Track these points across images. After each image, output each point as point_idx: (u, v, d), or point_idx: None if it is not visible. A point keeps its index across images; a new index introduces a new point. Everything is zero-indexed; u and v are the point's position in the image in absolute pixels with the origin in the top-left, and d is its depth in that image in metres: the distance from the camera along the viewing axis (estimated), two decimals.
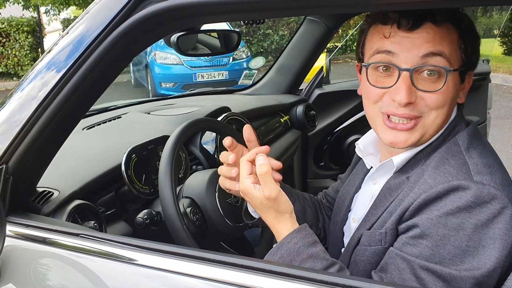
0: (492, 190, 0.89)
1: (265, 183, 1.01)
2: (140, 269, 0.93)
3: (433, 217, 0.90)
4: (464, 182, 0.90)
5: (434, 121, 0.99)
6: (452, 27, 0.97)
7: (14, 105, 1.07)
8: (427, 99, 0.97)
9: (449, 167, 0.95)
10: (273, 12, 0.99)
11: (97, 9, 1.01)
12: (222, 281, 0.85)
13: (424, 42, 0.95)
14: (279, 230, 1.03)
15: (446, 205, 0.89)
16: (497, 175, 0.93)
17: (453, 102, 1.01)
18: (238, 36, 1.64)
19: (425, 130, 1.00)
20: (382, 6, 0.89)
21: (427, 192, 0.92)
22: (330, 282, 0.79)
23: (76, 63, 0.99)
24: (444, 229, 0.88)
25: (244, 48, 9.94)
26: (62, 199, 1.24)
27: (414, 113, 0.98)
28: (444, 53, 0.95)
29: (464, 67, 1.00)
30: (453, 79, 0.98)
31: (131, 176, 1.46)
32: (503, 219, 0.87)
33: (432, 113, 0.98)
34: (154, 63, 9.12)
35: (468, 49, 0.99)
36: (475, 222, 0.87)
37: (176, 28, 1.12)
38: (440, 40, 0.95)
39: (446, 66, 0.95)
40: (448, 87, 0.97)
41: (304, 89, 2.70)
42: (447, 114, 1.00)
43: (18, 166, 1.05)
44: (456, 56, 0.98)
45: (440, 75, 0.96)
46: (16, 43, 13.05)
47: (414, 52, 0.95)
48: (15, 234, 1.05)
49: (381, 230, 1.00)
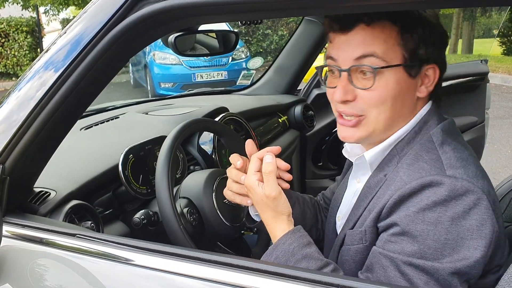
0: (466, 183, 0.91)
1: (268, 182, 1.06)
2: (137, 269, 0.93)
3: (411, 213, 0.92)
4: (437, 177, 0.92)
5: (377, 117, 1.02)
6: (388, 24, 0.98)
7: (11, 105, 1.07)
8: (364, 97, 1.01)
9: (423, 163, 0.96)
10: (270, 12, 0.99)
11: (94, 9, 1.01)
12: (219, 281, 0.85)
13: (357, 44, 0.99)
14: (275, 231, 1.06)
15: (422, 200, 0.91)
16: (471, 168, 0.95)
17: (400, 97, 1.01)
18: (236, 36, 1.64)
19: (371, 126, 1.03)
20: (380, 7, 0.89)
21: (402, 189, 0.94)
22: (325, 282, 0.79)
23: (73, 63, 0.99)
24: (422, 224, 0.90)
25: (243, 48, 9.95)
26: (59, 199, 1.24)
27: (354, 111, 1.03)
28: (375, 53, 0.98)
29: (412, 62, 1.00)
30: (394, 76, 0.99)
31: (128, 177, 1.46)
32: (479, 210, 0.89)
33: (373, 110, 1.01)
34: (153, 63, 9.12)
35: (410, 44, 0.99)
36: (452, 215, 0.89)
37: (173, 29, 1.12)
38: (371, 41, 0.98)
39: (375, 65, 0.98)
40: (387, 83, 0.99)
41: (303, 89, 2.70)
42: (393, 109, 1.01)
43: (15, 167, 1.05)
44: (394, 53, 0.99)
45: (373, 73, 0.99)
46: (15, 43, 13.05)
47: (349, 55, 1.00)
48: (11, 234, 1.05)
49: (361, 228, 1.02)
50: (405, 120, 1.05)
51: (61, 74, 1.00)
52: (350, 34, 1.00)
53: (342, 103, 1.03)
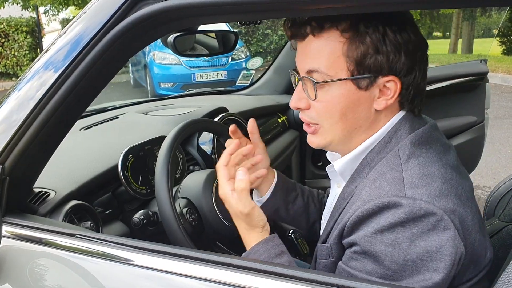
0: (424, 204, 0.87)
1: (240, 199, 1.06)
2: (137, 269, 0.93)
3: (369, 234, 0.90)
4: (394, 199, 0.89)
5: (330, 128, 1.01)
6: (336, 33, 0.95)
7: (11, 105, 1.07)
8: (315, 107, 1.01)
9: (384, 182, 0.93)
10: (270, 13, 0.99)
11: (93, 10, 1.01)
12: (219, 281, 0.85)
13: (305, 57, 0.99)
14: (248, 241, 1.08)
15: (380, 221, 0.89)
16: (435, 186, 0.90)
17: (351, 111, 0.98)
18: (235, 37, 1.64)
19: (328, 136, 1.03)
20: (379, 7, 0.89)
21: (360, 209, 0.92)
22: (324, 282, 0.79)
23: (73, 63, 0.99)
24: (381, 245, 0.88)
25: (243, 48, 9.95)
26: (59, 199, 1.24)
27: (308, 119, 1.04)
28: (319, 69, 0.96)
29: (361, 74, 0.95)
30: (339, 89, 0.97)
31: (128, 177, 1.46)
32: (438, 231, 0.86)
33: (324, 121, 1.01)
34: (153, 63, 9.12)
35: (356, 55, 0.94)
36: (410, 236, 0.87)
37: (172, 29, 1.12)
38: (317, 54, 0.97)
39: (318, 80, 0.97)
40: (332, 97, 0.97)
41: None
42: (345, 122, 0.99)
43: (14, 167, 1.05)
44: (338, 66, 0.96)
45: (324, 85, 0.97)
46: (15, 43, 13.04)
47: (302, 66, 1.01)
48: (11, 234, 1.05)
49: (327, 244, 1.01)
50: (367, 132, 1.02)
51: (60, 74, 1.00)
52: (303, 43, 0.99)
53: (297, 110, 1.05)
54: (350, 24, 0.94)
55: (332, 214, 1.05)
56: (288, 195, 1.34)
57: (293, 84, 1.10)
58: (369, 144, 1.02)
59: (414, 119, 1.02)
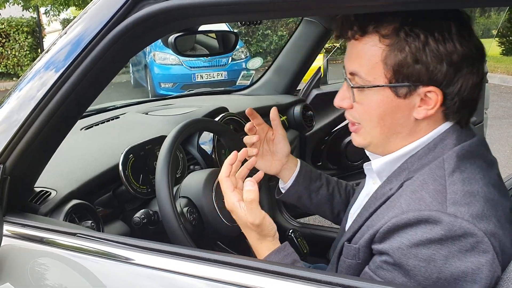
0: (465, 224, 0.84)
1: (251, 210, 1.02)
2: (137, 268, 0.93)
3: (404, 246, 0.87)
4: (435, 214, 0.86)
5: (370, 131, 1.01)
6: (376, 40, 0.94)
7: (12, 105, 1.07)
8: (356, 108, 1.01)
9: (426, 193, 0.90)
10: (270, 13, 0.99)
11: (94, 10, 1.01)
12: (220, 280, 0.85)
13: (349, 59, 1.00)
14: (260, 251, 1.06)
15: (417, 235, 0.86)
16: (477, 205, 0.87)
17: (389, 117, 0.97)
18: (236, 37, 1.65)
19: (367, 137, 1.03)
20: (377, 8, 0.89)
21: (397, 217, 0.89)
22: (325, 281, 0.80)
23: (74, 63, 0.99)
24: (415, 260, 0.86)
25: (243, 48, 9.94)
26: (60, 199, 1.24)
27: (351, 118, 1.04)
28: (359, 73, 0.97)
29: (399, 82, 0.94)
30: (377, 95, 0.96)
31: (129, 176, 1.46)
32: (476, 253, 0.84)
33: (365, 123, 1.01)
34: (153, 63, 9.12)
35: (394, 63, 0.92)
36: (446, 254, 0.84)
37: (173, 29, 1.12)
38: (358, 59, 0.97)
39: (357, 84, 0.98)
40: (370, 102, 0.97)
41: (302, 89, 2.70)
42: (383, 127, 0.99)
43: (15, 166, 1.06)
44: (377, 72, 0.95)
45: (362, 90, 0.98)
46: (15, 44, 13.04)
47: (346, 66, 1.01)
48: (12, 233, 1.05)
49: (355, 245, 0.99)
50: (406, 139, 1.00)
51: (61, 74, 1.00)
52: (349, 45, 1.00)
53: (340, 108, 1.05)
54: (391, 30, 0.92)
55: (362, 212, 1.04)
56: (311, 184, 1.36)
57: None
58: (411, 148, 0.99)
59: (462, 131, 0.99)
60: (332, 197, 1.39)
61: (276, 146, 1.32)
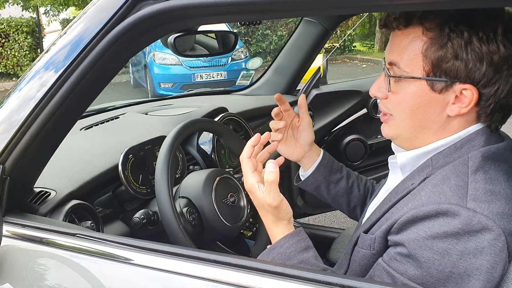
0: (484, 219, 0.84)
1: (270, 191, 1.02)
2: (137, 269, 0.93)
3: (420, 238, 0.88)
4: (454, 207, 0.86)
5: (401, 122, 1.02)
6: (419, 32, 0.94)
7: (12, 105, 1.07)
8: (390, 98, 1.02)
9: (447, 188, 0.90)
10: (269, 13, 0.99)
11: (94, 10, 1.01)
12: (219, 280, 0.85)
13: (390, 49, 1.01)
14: (274, 234, 1.06)
15: (434, 227, 0.86)
16: (498, 204, 0.87)
17: (421, 111, 0.97)
18: (235, 37, 1.65)
19: (397, 129, 1.04)
20: (377, 8, 0.89)
21: (416, 209, 0.90)
22: (325, 281, 0.80)
23: (73, 64, 0.99)
24: (430, 252, 0.86)
25: (243, 48, 9.94)
26: (59, 199, 1.24)
27: (384, 108, 1.05)
28: (398, 63, 0.97)
29: (436, 77, 0.94)
30: (413, 86, 0.96)
31: (128, 176, 1.46)
32: (492, 251, 0.83)
33: (397, 114, 1.02)
34: (153, 63, 9.12)
35: (435, 57, 0.93)
36: (462, 249, 0.84)
37: (172, 30, 1.12)
38: (398, 50, 0.97)
39: (395, 74, 0.98)
40: (405, 93, 0.98)
41: (301, 89, 2.70)
42: (414, 120, 0.99)
43: (15, 167, 1.06)
44: (416, 64, 0.95)
45: (399, 80, 0.98)
46: (15, 44, 13.04)
47: (386, 56, 1.02)
48: (12, 234, 1.05)
49: (372, 235, 0.99)
50: (435, 135, 0.99)
51: (61, 74, 1.00)
52: (392, 35, 1.01)
53: (374, 97, 1.07)
54: (436, 24, 0.93)
55: (381, 205, 1.04)
56: (331, 175, 1.37)
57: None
58: (438, 146, 0.99)
59: (492, 134, 0.98)
60: (350, 191, 1.40)
61: (301, 133, 1.33)
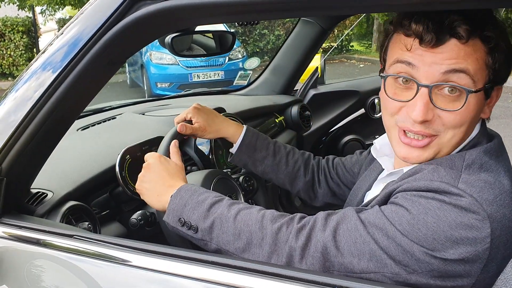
0: (472, 200, 0.84)
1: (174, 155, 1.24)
2: (134, 270, 0.93)
3: (409, 193, 0.90)
4: (445, 186, 0.87)
5: (450, 140, 0.95)
6: (480, 43, 0.91)
7: (8, 106, 1.07)
8: (445, 118, 0.93)
9: (442, 168, 0.92)
10: (267, 14, 0.99)
11: (91, 10, 1.01)
12: (217, 282, 0.85)
13: (447, 58, 0.90)
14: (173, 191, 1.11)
15: (424, 193, 0.88)
16: (490, 192, 0.87)
17: (474, 120, 0.95)
18: (233, 37, 1.64)
19: (439, 148, 0.96)
20: (378, 8, 0.89)
21: (409, 183, 0.91)
22: (322, 282, 0.80)
23: (71, 64, 0.99)
24: (410, 205, 0.87)
25: (240, 48, 9.95)
26: (56, 200, 1.24)
27: (429, 131, 0.94)
28: (468, 70, 0.89)
29: (491, 84, 0.94)
30: (476, 98, 0.92)
31: (125, 177, 1.46)
32: (470, 231, 0.83)
33: (449, 132, 0.94)
34: (149, 63, 9.11)
35: (496, 66, 0.93)
36: (440, 215, 0.85)
37: (170, 30, 1.12)
38: (464, 57, 0.89)
39: (468, 86, 0.90)
40: (469, 106, 0.92)
41: (299, 89, 2.70)
42: (465, 132, 0.95)
43: (12, 168, 1.05)
44: (481, 74, 0.92)
45: (461, 93, 0.91)
46: (11, 43, 13.00)
47: (435, 68, 0.90)
48: (8, 235, 1.05)
49: (371, 207, 0.98)
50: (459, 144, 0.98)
51: (58, 75, 1.00)
52: (438, 49, 0.90)
53: (420, 123, 0.93)
54: (488, 33, 0.91)
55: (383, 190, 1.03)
56: (255, 153, 1.45)
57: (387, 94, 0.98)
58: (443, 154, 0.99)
59: (488, 135, 1.01)
60: (277, 168, 1.47)
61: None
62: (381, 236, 0.88)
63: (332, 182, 1.49)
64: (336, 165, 1.50)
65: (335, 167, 1.49)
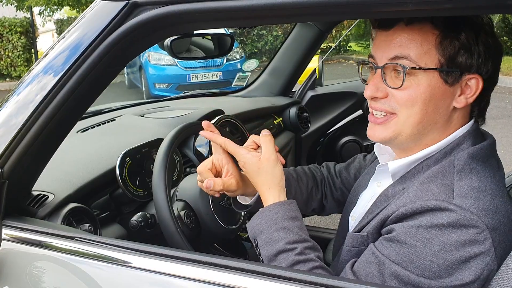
0: (469, 215, 0.87)
1: (266, 144, 1.12)
2: (135, 271, 0.94)
3: (407, 225, 0.91)
4: (441, 203, 0.89)
5: (406, 120, 0.99)
6: (429, 26, 0.96)
7: (10, 109, 1.08)
8: (395, 96, 0.99)
9: (434, 185, 0.94)
10: (266, 19, 1.01)
11: (92, 15, 1.02)
12: (216, 283, 0.86)
13: (393, 45, 0.98)
14: (267, 197, 1.09)
15: (421, 220, 0.90)
16: (484, 200, 0.90)
17: (432, 103, 0.98)
18: (231, 40, 1.66)
19: (398, 127, 1.01)
20: (372, 14, 0.90)
21: (405, 207, 0.93)
22: (320, 283, 0.81)
23: (72, 68, 1.00)
24: (413, 239, 0.90)
25: (238, 49, 9.94)
26: (57, 202, 1.25)
27: (385, 107, 1.02)
28: (409, 56, 0.96)
29: (450, 68, 0.96)
30: (426, 78, 0.97)
31: (125, 179, 1.47)
32: (475, 246, 0.86)
33: (403, 111, 0.99)
34: (148, 64, 9.10)
35: (449, 50, 0.95)
36: (444, 241, 0.87)
37: (170, 34, 1.13)
38: (407, 43, 0.97)
39: (406, 65, 0.96)
40: (418, 85, 0.97)
41: (297, 91, 2.71)
42: (423, 114, 0.98)
43: (13, 170, 1.06)
44: (429, 57, 0.96)
45: (403, 73, 0.97)
46: (9, 44, 12.97)
47: (385, 54, 1.00)
48: (10, 237, 1.06)
49: (362, 233, 1.03)
50: (439, 132, 1.02)
51: (60, 78, 1.01)
52: (389, 33, 0.99)
53: (372, 99, 1.03)
54: (444, 18, 0.95)
55: (370, 210, 1.06)
56: None
57: (360, 75, 1.12)
58: (429, 152, 1.02)
59: (477, 136, 1.03)
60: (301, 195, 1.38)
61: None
62: (397, 284, 0.90)
63: (336, 193, 1.45)
64: (339, 173, 1.47)
65: (339, 175, 1.46)
